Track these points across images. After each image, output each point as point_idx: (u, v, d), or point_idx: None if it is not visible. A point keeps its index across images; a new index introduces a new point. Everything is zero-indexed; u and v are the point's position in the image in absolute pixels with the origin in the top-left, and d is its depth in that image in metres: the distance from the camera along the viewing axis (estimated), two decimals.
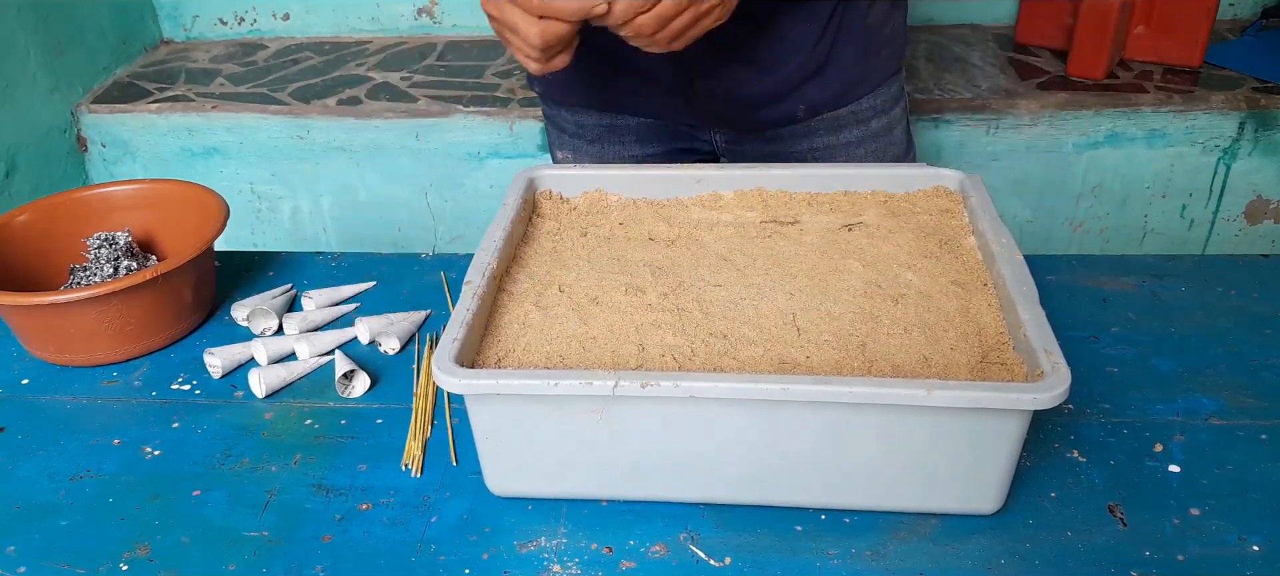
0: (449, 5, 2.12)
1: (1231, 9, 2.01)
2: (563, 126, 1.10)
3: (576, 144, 1.09)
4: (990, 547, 0.63)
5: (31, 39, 1.74)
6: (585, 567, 0.63)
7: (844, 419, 0.60)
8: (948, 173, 0.84)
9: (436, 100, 1.82)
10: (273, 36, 2.18)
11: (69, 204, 0.94)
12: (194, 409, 0.79)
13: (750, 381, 0.59)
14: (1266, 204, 1.78)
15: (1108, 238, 1.83)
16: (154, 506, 0.69)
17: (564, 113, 1.08)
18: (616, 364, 0.64)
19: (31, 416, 0.79)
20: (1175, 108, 1.68)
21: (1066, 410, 0.74)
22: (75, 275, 0.91)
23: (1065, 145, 1.72)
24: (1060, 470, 0.69)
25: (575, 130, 1.09)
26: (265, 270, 0.99)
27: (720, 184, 0.85)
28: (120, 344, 0.84)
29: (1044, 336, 0.62)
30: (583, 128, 1.08)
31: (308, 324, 0.88)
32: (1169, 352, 0.81)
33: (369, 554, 0.65)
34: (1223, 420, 0.74)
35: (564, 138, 1.10)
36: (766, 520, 0.66)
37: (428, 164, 1.83)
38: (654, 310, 0.70)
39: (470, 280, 0.69)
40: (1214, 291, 0.89)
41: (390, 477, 0.71)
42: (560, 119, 1.09)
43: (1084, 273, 0.92)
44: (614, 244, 0.79)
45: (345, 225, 1.93)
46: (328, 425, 0.76)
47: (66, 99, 1.85)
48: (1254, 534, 0.64)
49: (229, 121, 1.83)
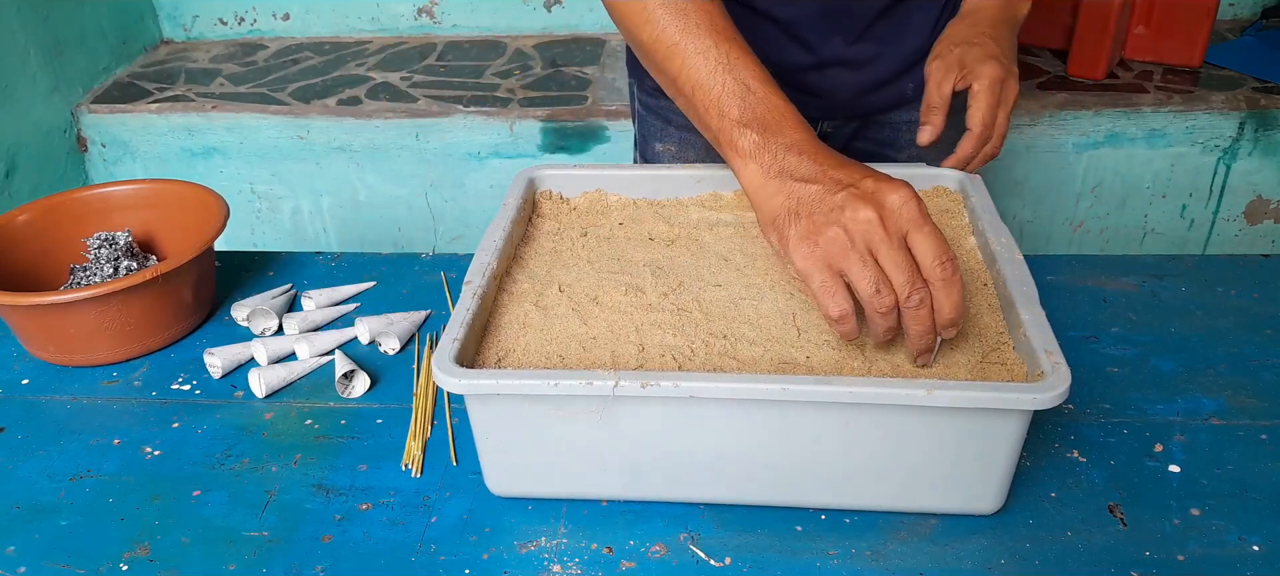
0: (449, 5, 2.12)
1: (1231, 9, 2.01)
2: (670, 119, 1.08)
3: (684, 136, 1.07)
4: (990, 547, 0.63)
5: (31, 39, 1.74)
6: (585, 567, 0.63)
7: (844, 419, 0.60)
8: (948, 172, 0.84)
9: (436, 100, 1.82)
10: (273, 36, 2.18)
11: (69, 204, 0.94)
12: (194, 409, 0.79)
13: (750, 381, 0.59)
14: (1266, 204, 1.78)
15: (1108, 238, 1.83)
16: (154, 506, 0.69)
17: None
18: (616, 364, 0.64)
19: (31, 416, 0.79)
20: (1175, 108, 1.68)
21: (1066, 410, 0.74)
22: (75, 275, 0.91)
23: (1065, 145, 1.72)
24: (1060, 470, 0.69)
25: (684, 122, 1.06)
26: (265, 270, 0.99)
27: (720, 184, 0.85)
28: (120, 344, 0.84)
29: (1044, 336, 0.62)
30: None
31: (308, 324, 0.88)
32: (1169, 352, 0.81)
33: (369, 554, 0.65)
34: (1223, 420, 0.74)
35: (670, 130, 1.08)
36: (766, 520, 0.66)
37: (428, 164, 1.83)
38: (654, 310, 0.70)
39: (470, 280, 0.69)
40: (1214, 291, 0.89)
41: (390, 477, 0.71)
42: (668, 111, 1.07)
43: (1084, 272, 0.92)
44: (614, 244, 0.79)
45: (345, 225, 1.93)
46: (328, 425, 0.76)
47: (66, 99, 1.85)
48: (1254, 534, 0.64)
49: (229, 121, 1.83)
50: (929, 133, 0.83)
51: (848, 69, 1.00)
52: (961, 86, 0.81)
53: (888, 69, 1.01)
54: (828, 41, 0.98)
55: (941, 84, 0.82)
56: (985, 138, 0.81)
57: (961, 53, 0.83)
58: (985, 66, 0.81)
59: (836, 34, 0.97)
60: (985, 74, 0.80)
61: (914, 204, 0.61)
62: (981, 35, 0.84)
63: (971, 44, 0.83)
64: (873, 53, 0.99)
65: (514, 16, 2.13)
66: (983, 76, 0.80)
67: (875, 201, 0.61)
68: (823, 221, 0.62)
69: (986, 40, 0.83)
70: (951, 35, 0.86)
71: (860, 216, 0.61)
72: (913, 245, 0.60)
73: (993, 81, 0.80)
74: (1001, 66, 0.81)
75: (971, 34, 0.85)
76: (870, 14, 0.96)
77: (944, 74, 0.82)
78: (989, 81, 0.80)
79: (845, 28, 0.97)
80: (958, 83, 0.81)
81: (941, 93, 0.82)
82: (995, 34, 0.85)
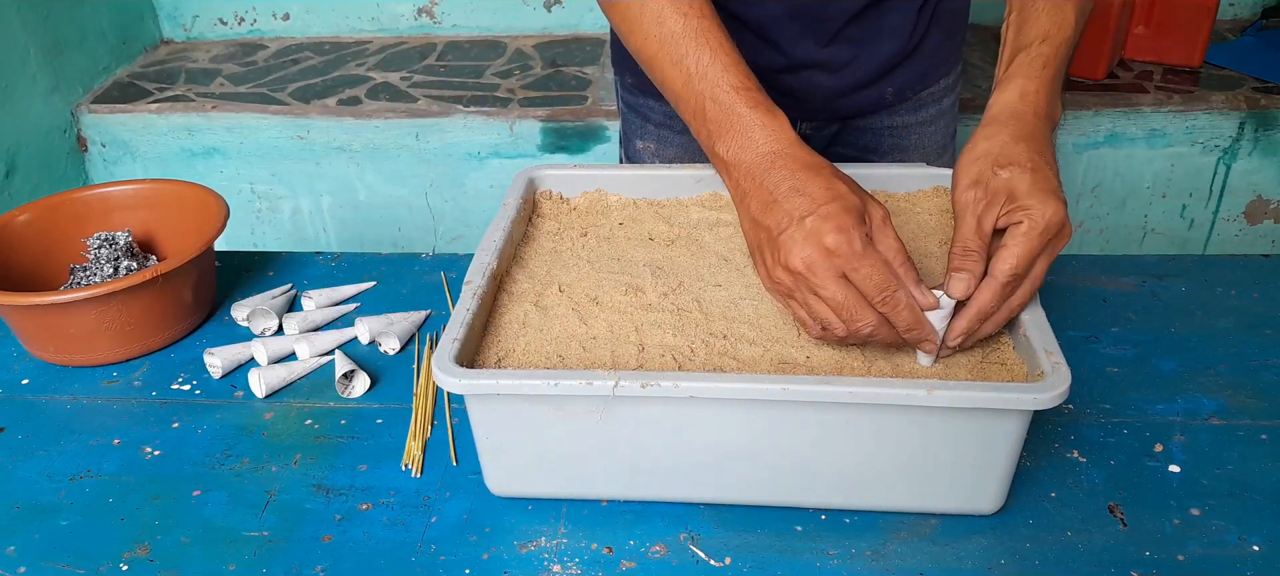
0: (449, 5, 2.12)
1: (1231, 9, 2.01)
2: (650, 116, 1.08)
3: (663, 134, 1.08)
4: (990, 547, 0.63)
5: (31, 39, 1.74)
6: (585, 567, 0.63)
7: (844, 419, 0.60)
8: (948, 172, 0.84)
9: (436, 100, 1.82)
10: (273, 36, 2.18)
11: (69, 204, 0.94)
12: (194, 409, 0.79)
13: (750, 381, 0.59)
14: (1266, 204, 1.78)
15: (1108, 238, 1.83)
16: (154, 506, 0.69)
17: (654, 104, 1.07)
18: (616, 364, 0.64)
19: (31, 416, 0.79)
20: (1175, 108, 1.68)
21: (1066, 410, 0.74)
22: (75, 275, 0.91)
23: (1065, 145, 1.72)
24: (1060, 470, 0.69)
25: (663, 120, 1.07)
26: (265, 270, 0.99)
27: (720, 184, 0.85)
28: (120, 344, 0.84)
29: (1044, 336, 0.62)
30: (672, 118, 1.06)
31: (308, 324, 0.88)
32: (1169, 352, 0.81)
33: (369, 554, 0.65)
34: (1223, 420, 0.74)
35: (649, 127, 1.09)
36: (766, 520, 0.66)
37: (428, 164, 1.83)
38: (654, 310, 0.70)
39: (470, 280, 0.69)
40: (1214, 291, 0.89)
41: (390, 477, 0.71)
42: (648, 109, 1.08)
43: (1084, 272, 0.92)
44: (614, 244, 0.79)
45: (345, 225, 1.93)
46: (328, 425, 0.76)
47: (66, 99, 1.85)
48: (1254, 534, 0.64)
49: (229, 121, 1.83)
50: (964, 285, 0.62)
51: (822, 72, 0.99)
52: (1006, 224, 0.63)
53: (864, 72, 0.99)
54: (799, 44, 0.97)
55: (982, 219, 0.64)
56: (1011, 290, 0.63)
57: (1011, 180, 0.63)
58: (1042, 205, 0.62)
59: (809, 37, 0.96)
60: (1040, 216, 0.61)
61: (846, 246, 0.60)
62: (1033, 155, 0.65)
63: (1022, 169, 0.64)
64: (848, 55, 0.98)
65: (514, 16, 2.13)
66: (1038, 217, 0.61)
67: (805, 251, 0.62)
68: (772, 263, 0.64)
69: (1041, 165, 0.64)
70: (990, 152, 0.66)
71: (793, 266, 0.62)
72: (855, 282, 0.61)
73: (1048, 226, 0.61)
74: (1062, 206, 0.62)
75: (1019, 154, 0.65)
76: (842, 17, 0.95)
77: (986, 205, 0.64)
78: (1043, 225, 0.61)
79: (816, 31, 0.96)
80: (1001, 219, 0.63)
81: (981, 232, 0.64)
82: (1047, 154, 0.66)
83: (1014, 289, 0.63)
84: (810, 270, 0.61)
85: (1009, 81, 0.71)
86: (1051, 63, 0.71)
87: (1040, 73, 0.70)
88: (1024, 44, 0.72)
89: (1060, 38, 0.72)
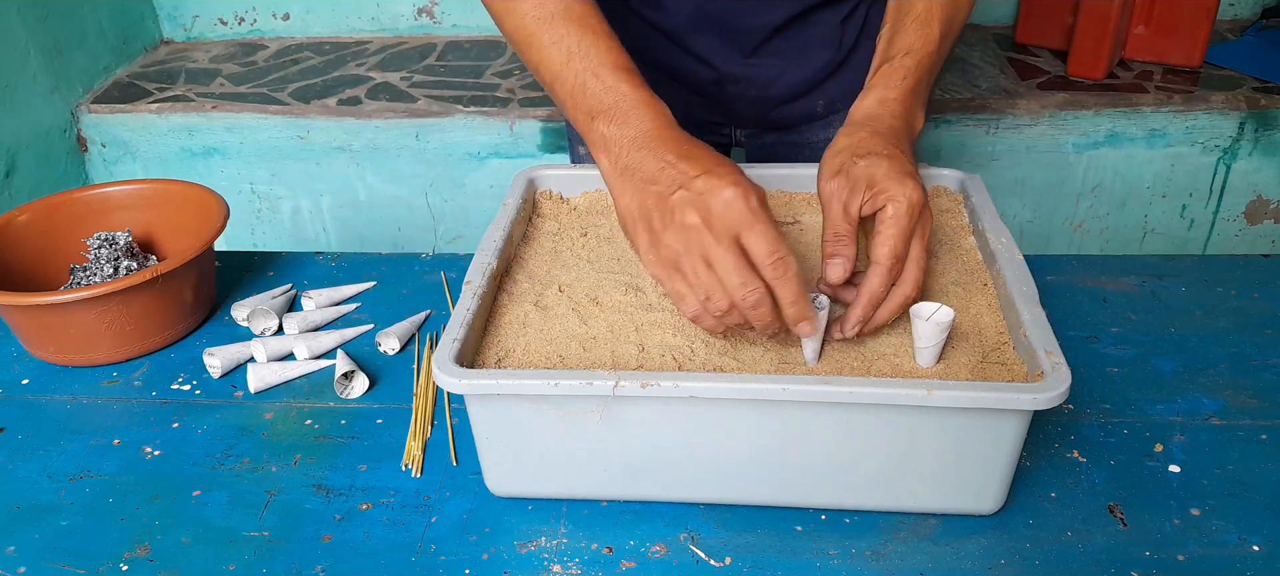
0: (449, 5, 2.12)
1: (1231, 9, 2.01)
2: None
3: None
4: (990, 547, 0.63)
5: (31, 39, 1.74)
6: (585, 567, 0.63)
7: (844, 419, 0.60)
8: (947, 173, 0.84)
9: (436, 100, 1.82)
10: (273, 36, 2.18)
11: (69, 204, 0.94)
12: (194, 409, 0.79)
13: (750, 381, 0.59)
14: (1266, 204, 1.78)
15: (1108, 238, 1.83)
16: (154, 506, 0.69)
17: None
18: (616, 364, 0.64)
19: (31, 416, 0.79)
20: (1175, 108, 1.68)
21: (1066, 410, 0.74)
22: (75, 275, 0.91)
23: (1065, 145, 1.72)
24: (1060, 470, 0.69)
25: None
26: (265, 270, 0.99)
27: None
28: (120, 344, 0.84)
29: (1044, 336, 0.62)
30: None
31: (307, 324, 0.88)
32: (1169, 352, 0.81)
33: (369, 554, 0.65)
34: (1223, 420, 0.74)
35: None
36: (766, 520, 0.66)
37: (428, 164, 1.83)
38: (654, 310, 0.70)
39: (470, 280, 0.69)
40: (1214, 291, 0.89)
41: (390, 477, 0.71)
42: None
43: (1084, 273, 0.92)
44: (614, 244, 0.79)
45: (345, 225, 1.93)
46: (328, 425, 0.76)
47: (66, 99, 1.85)
48: (1254, 534, 0.64)
49: (229, 121, 1.83)
50: (840, 268, 0.66)
51: (750, 84, 0.99)
52: (871, 210, 0.66)
53: (792, 84, 1.00)
54: (721, 55, 0.97)
55: (848, 205, 0.67)
56: (896, 273, 0.65)
57: (869, 167, 0.67)
58: (901, 186, 0.65)
59: (732, 49, 0.96)
60: (902, 195, 0.65)
61: (741, 202, 0.60)
62: (889, 146, 0.69)
63: (879, 156, 0.68)
64: (774, 68, 0.98)
65: None
66: (899, 198, 0.65)
67: (701, 206, 0.61)
68: (660, 227, 0.63)
69: (897, 153, 0.68)
70: (850, 146, 0.70)
71: (688, 222, 0.61)
72: (745, 244, 0.61)
73: (912, 205, 0.65)
74: (920, 187, 0.66)
75: (876, 144, 0.69)
76: (763, 31, 0.95)
77: (850, 192, 0.67)
78: (907, 204, 0.65)
79: (738, 43, 0.96)
80: (865, 205, 0.66)
81: (849, 216, 0.67)
82: (904, 148, 0.70)
83: (899, 272, 0.66)
84: (707, 224, 0.61)
85: (870, 90, 0.76)
86: (912, 75, 0.75)
87: (900, 83, 0.75)
88: (890, 56, 0.77)
89: (924, 51, 0.76)
